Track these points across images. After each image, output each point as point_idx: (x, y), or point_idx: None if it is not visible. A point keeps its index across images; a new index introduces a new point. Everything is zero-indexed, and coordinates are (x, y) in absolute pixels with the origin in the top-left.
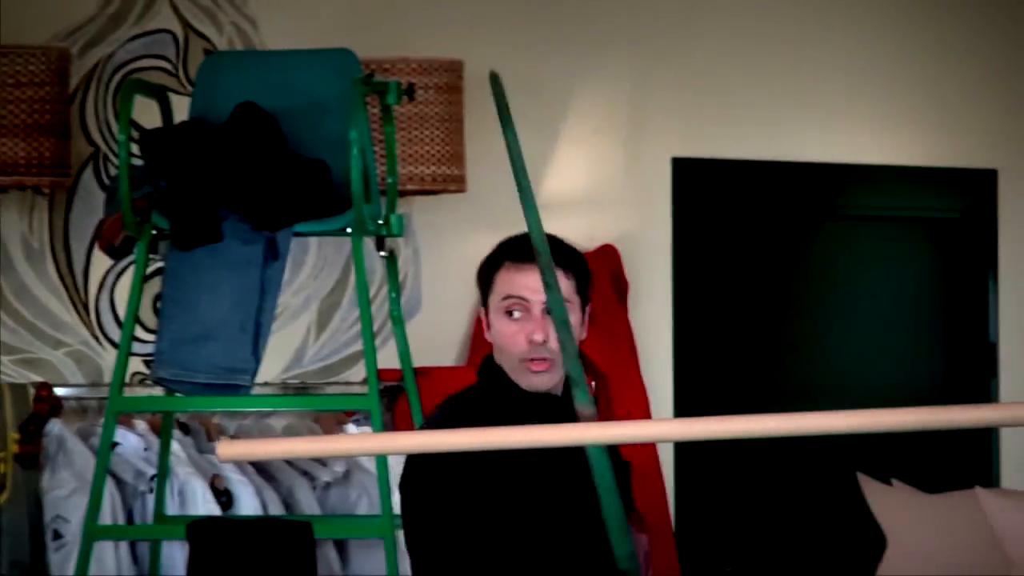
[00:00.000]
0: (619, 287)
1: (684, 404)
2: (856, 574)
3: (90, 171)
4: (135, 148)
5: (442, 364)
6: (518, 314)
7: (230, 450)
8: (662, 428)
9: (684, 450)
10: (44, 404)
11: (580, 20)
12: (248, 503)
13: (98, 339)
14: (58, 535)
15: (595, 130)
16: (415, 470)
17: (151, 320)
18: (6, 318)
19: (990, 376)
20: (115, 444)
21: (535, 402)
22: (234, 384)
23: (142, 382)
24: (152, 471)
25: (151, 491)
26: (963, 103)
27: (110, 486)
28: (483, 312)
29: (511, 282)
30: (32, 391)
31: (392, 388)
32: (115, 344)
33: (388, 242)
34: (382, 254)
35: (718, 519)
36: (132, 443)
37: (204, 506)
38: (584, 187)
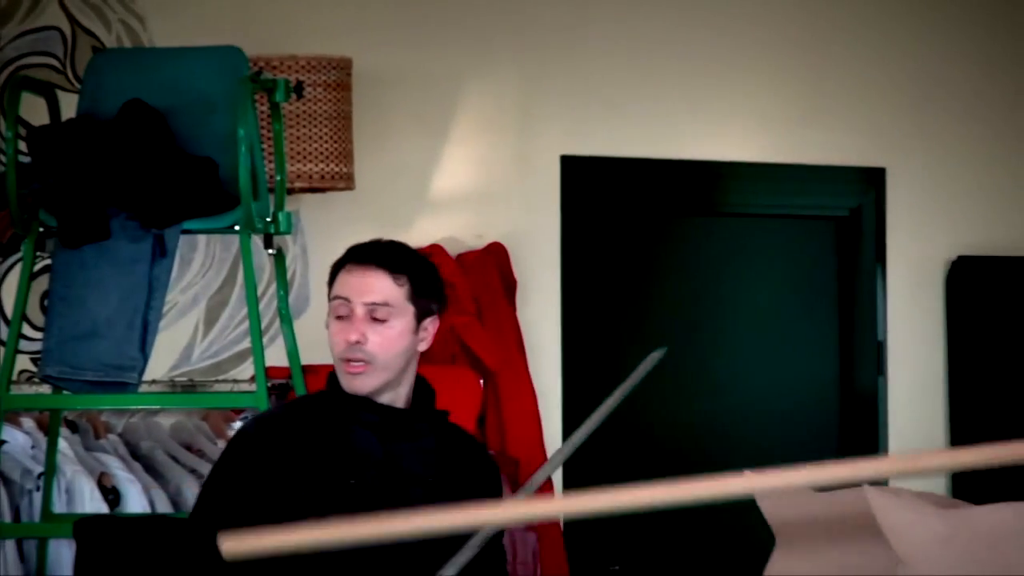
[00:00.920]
0: (508, 285)
1: (572, 401)
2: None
3: None
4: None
5: (330, 362)
6: (344, 314)
7: (237, 547)
8: (554, 506)
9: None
10: None
11: (468, 19)
12: (136, 501)
13: None
14: None
15: (483, 128)
16: (246, 426)
17: (39, 318)
18: None
19: (878, 374)
20: (2, 442)
21: (350, 405)
22: (121, 382)
23: (29, 380)
24: (39, 469)
25: (38, 489)
26: (851, 102)
27: None
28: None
29: (341, 283)
30: None
31: (280, 386)
32: (2, 342)
33: (276, 240)
34: (270, 252)
35: (606, 518)
36: (19, 441)
37: (92, 504)
38: (473, 185)
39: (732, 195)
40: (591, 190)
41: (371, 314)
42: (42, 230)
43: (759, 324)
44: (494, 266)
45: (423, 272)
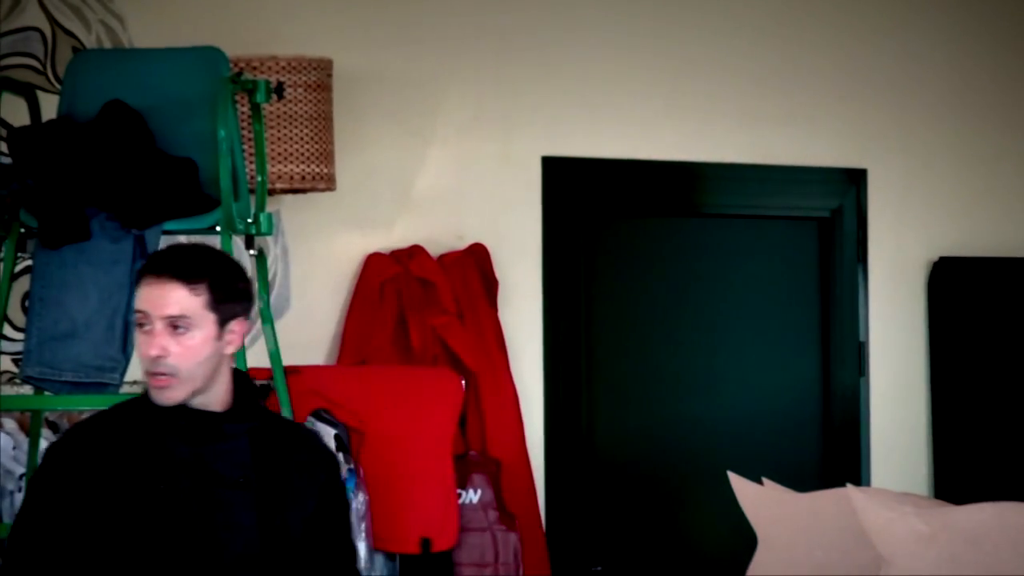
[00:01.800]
0: (488, 285)
1: (554, 403)
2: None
3: None
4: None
5: (312, 363)
6: (147, 327)
7: None
8: None
9: (554, 448)
10: None
11: (449, 20)
12: None
13: None
14: None
15: (464, 129)
16: (58, 439)
17: (20, 319)
18: None
19: (859, 375)
20: None
21: (161, 411)
22: (102, 382)
23: (11, 381)
24: (21, 470)
25: (20, 490)
26: (832, 103)
27: None
28: None
29: (140, 296)
30: None
31: (262, 387)
32: None
33: (257, 241)
34: (251, 253)
35: (588, 518)
36: (1, 442)
37: None
38: (454, 186)
39: (713, 196)
40: (572, 191)
41: (171, 325)
42: (23, 231)
43: (740, 325)
44: (475, 267)
45: (223, 276)
